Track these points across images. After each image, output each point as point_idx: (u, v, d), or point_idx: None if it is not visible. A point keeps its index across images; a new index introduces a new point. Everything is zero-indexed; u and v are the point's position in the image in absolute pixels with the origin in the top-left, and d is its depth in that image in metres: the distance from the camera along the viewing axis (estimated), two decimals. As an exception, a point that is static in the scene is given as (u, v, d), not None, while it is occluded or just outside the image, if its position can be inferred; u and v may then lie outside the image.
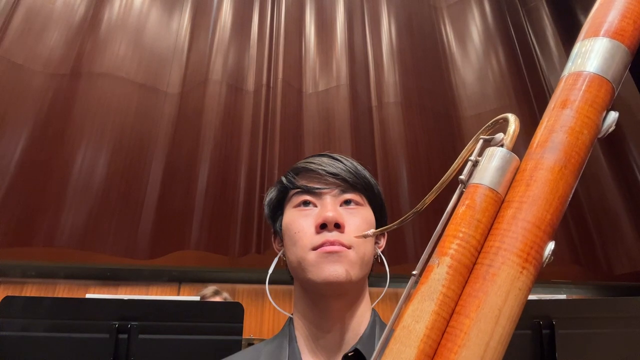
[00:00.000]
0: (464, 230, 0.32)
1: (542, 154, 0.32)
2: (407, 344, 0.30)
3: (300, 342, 0.60)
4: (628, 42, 0.33)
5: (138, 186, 2.47)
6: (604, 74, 0.32)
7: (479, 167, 0.35)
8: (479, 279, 0.30)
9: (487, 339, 0.28)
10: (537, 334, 1.17)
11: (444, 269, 0.32)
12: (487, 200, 0.33)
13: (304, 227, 0.59)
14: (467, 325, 0.29)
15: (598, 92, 0.32)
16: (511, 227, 0.31)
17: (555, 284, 3.05)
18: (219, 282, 3.08)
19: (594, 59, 0.33)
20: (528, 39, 3.43)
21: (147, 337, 1.15)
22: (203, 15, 3.07)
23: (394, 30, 3.31)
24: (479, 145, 0.38)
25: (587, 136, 0.32)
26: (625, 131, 2.97)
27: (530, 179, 0.31)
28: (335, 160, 0.64)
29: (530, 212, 0.30)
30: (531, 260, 0.30)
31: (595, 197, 2.85)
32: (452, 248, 0.32)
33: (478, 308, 0.29)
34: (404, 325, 0.31)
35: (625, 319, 1.19)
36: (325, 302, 0.58)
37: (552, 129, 0.32)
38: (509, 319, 0.29)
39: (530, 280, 0.30)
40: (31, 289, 2.80)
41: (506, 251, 0.30)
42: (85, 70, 2.60)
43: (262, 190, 2.57)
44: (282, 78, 2.87)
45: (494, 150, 0.35)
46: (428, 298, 0.31)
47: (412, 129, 2.90)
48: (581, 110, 0.32)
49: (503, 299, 0.29)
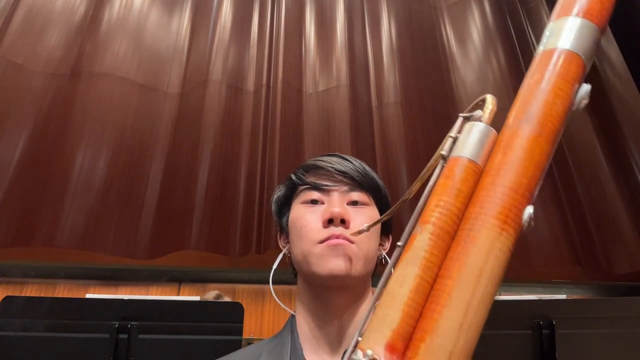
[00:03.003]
0: (444, 199, 0.34)
1: (518, 124, 0.33)
2: (391, 308, 0.31)
3: (302, 339, 0.60)
4: (596, 20, 0.35)
5: (138, 186, 2.46)
6: (574, 49, 0.34)
7: (458, 142, 0.37)
8: (460, 242, 0.32)
9: (469, 297, 0.29)
10: (537, 334, 1.17)
11: (426, 235, 0.33)
12: (467, 171, 0.35)
13: (310, 221, 0.60)
14: (449, 286, 0.30)
15: (569, 65, 0.34)
16: (489, 193, 0.32)
17: (555, 284, 3.05)
18: (219, 282, 3.08)
19: (565, 36, 0.35)
20: (528, 39, 3.43)
21: (147, 337, 1.15)
22: (203, 15, 3.07)
23: (394, 30, 3.31)
24: (459, 123, 0.40)
25: (560, 107, 0.33)
26: (625, 131, 2.97)
27: (506, 147, 0.33)
28: (344, 160, 0.66)
29: (507, 177, 0.32)
30: (510, 222, 0.31)
31: (595, 197, 2.85)
32: (434, 216, 0.34)
33: (459, 269, 0.30)
34: (389, 290, 0.33)
35: (625, 319, 1.20)
36: (329, 296, 0.59)
37: (526, 101, 0.35)
38: (490, 278, 0.30)
39: (510, 241, 0.31)
40: (31, 289, 2.80)
41: (485, 215, 0.31)
42: (85, 70, 2.60)
43: (262, 190, 2.57)
44: (282, 78, 2.87)
45: (473, 125, 0.37)
46: (411, 263, 0.32)
47: (412, 129, 2.90)
48: (554, 83, 0.34)
49: (483, 260, 0.30)
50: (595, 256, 2.72)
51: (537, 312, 1.18)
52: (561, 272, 2.78)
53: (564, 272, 2.79)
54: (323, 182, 0.62)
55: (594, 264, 2.71)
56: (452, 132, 0.39)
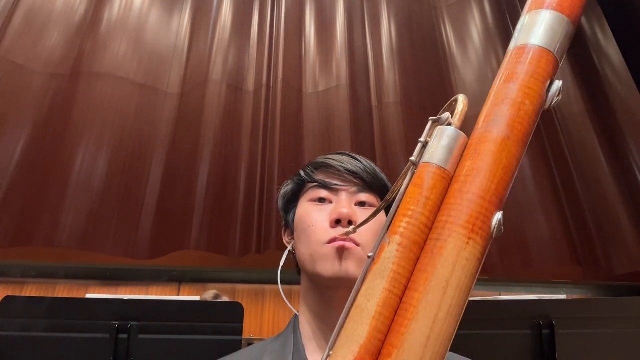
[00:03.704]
0: (412, 208, 0.33)
1: (486, 127, 0.33)
2: (359, 322, 0.31)
3: (305, 339, 0.60)
4: (568, 12, 0.34)
5: (138, 186, 2.46)
6: (546, 46, 0.33)
7: (428, 148, 0.36)
8: (428, 253, 0.31)
9: (436, 310, 0.29)
10: (537, 334, 1.17)
11: (394, 247, 0.32)
12: (435, 178, 0.34)
13: (317, 220, 0.59)
14: (416, 299, 0.30)
15: (539, 62, 0.33)
16: (457, 201, 0.31)
17: (555, 284, 3.05)
18: (219, 282, 3.08)
19: (536, 32, 0.34)
20: (528, 39, 3.43)
21: (147, 337, 1.15)
22: (203, 15, 3.07)
23: (394, 30, 3.31)
24: (428, 127, 0.39)
25: (529, 106, 0.32)
26: (625, 131, 2.97)
27: (474, 152, 0.32)
28: (354, 160, 0.65)
29: (474, 184, 0.31)
30: (477, 231, 0.30)
31: (595, 197, 2.85)
32: (402, 226, 0.33)
33: (426, 281, 0.30)
34: (357, 304, 0.32)
35: (625, 319, 1.20)
36: (333, 295, 0.59)
37: (495, 103, 0.33)
38: (458, 290, 0.29)
39: (478, 250, 0.30)
40: (31, 289, 2.80)
41: (452, 224, 0.30)
42: (85, 70, 2.60)
43: (262, 190, 2.57)
44: (282, 78, 2.87)
45: (442, 130, 0.36)
46: (379, 276, 0.32)
47: (412, 129, 2.90)
48: (522, 82, 0.33)
49: (450, 271, 0.29)
50: (595, 256, 2.72)
51: (537, 312, 1.18)
52: (561, 272, 2.78)
53: (564, 272, 2.79)
54: (332, 181, 0.62)
55: (594, 264, 2.71)
56: (422, 137, 0.37)
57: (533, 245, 2.64)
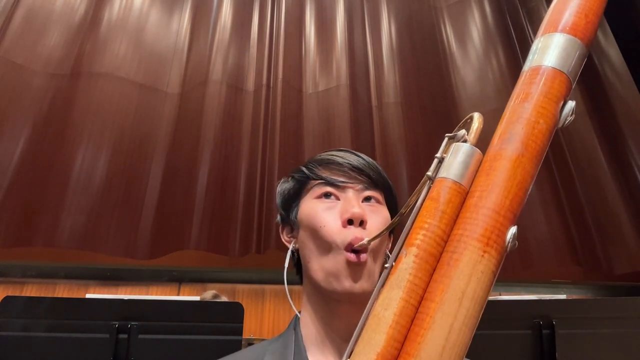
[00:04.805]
0: (428, 221, 0.34)
1: (501, 145, 0.34)
2: (376, 331, 0.32)
3: (306, 341, 0.60)
4: (581, 35, 0.35)
5: (138, 186, 2.46)
6: (559, 67, 0.34)
7: (445, 163, 0.38)
8: (444, 265, 0.32)
9: (452, 320, 0.30)
10: (537, 334, 1.17)
11: (410, 258, 0.33)
12: (451, 192, 0.35)
13: (329, 221, 0.58)
14: (432, 309, 0.31)
15: (553, 84, 0.34)
16: (472, 215, 0.32)
17: (555, 284, 3.05)
18: (219, 282, 3.08)
19: (550, 53, 0.35)
20: (528, 39, 3.43)
21: (147, 337, 1.15)
22: (203, 15, 3.07)
23: (394, 30, 3.31)
24: (444, 143, 0.40)
25: (543, 125, 0.33)
26: (625, 131, 2.97)
27: (490, 169, 0.33)
28: (357, 157, 0.64)
29: (490, 199, 0.32)
30: (492, 244, 0.31)
31: (595, 197, 2.85)
32: (418, 239, 0.34)
33: (442, 292, 0.31)
34: (374, 313, 0.33)
35: (625, 319, 1.20)
36: (336, 302, 0.58)
37: (510, 122, 0.34)
38: (473, 301, 0.30)
39: (492, 263, 0.31)
40: (31, 289, 2.80)
41: (468, 237, 0.32)
42: (85, 70, 2.60)
43: (262, 190, 2.57)
44: (282, 78, 2.86)
45: (458, 146, 0.38)
46: (396, 286, 0.33)
47: (412, 129, 2.90)
48: (537, 102, 0.34)
49: (465, 282, 0.30)
50: (595, 256, 2.72)
51: (537, 312, 1.18)
52: (561, 272, 2.78)
53: (564, 272, 2.79)
54: (339, 178, 0.60)
55: (594, 264, 2.71)
56: (438, 152, 0.39)
57: (533, 245, 2.64)
